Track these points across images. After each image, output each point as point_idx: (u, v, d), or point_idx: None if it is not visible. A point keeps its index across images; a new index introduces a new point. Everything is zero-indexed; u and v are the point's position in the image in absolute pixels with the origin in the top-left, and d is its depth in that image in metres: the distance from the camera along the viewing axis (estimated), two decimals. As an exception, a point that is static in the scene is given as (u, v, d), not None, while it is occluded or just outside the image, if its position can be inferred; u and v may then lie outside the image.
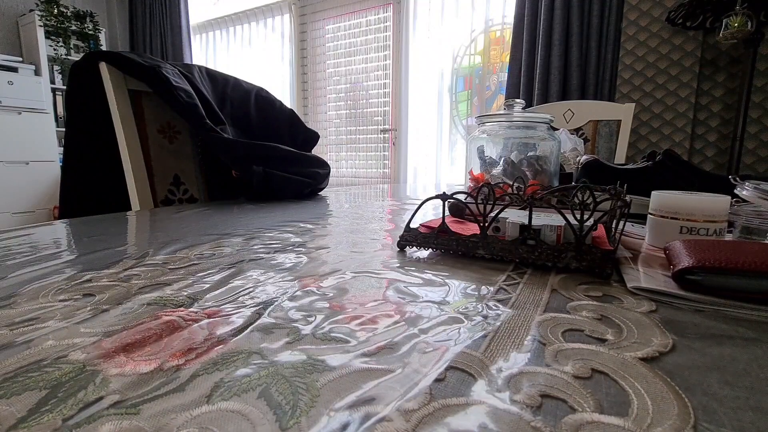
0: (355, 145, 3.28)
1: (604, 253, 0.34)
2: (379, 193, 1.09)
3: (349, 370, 0.20)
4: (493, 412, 0.17)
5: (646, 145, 1.94)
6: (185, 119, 0.88)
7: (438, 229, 0.42)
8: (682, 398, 0.18)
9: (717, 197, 0.40)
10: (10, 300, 0.30)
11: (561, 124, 1.51)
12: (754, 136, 1.77)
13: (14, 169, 3.17)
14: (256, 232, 0.54)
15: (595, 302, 0.29)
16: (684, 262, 0.30)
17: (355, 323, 0.25)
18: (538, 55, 2.12)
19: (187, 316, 0.26)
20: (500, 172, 0.75)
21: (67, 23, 3.41)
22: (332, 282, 0.33)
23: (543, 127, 0.74)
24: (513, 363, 0.20)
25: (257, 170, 0.88)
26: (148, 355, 0.21)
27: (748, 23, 1.49)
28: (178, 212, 0.73)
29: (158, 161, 0.93)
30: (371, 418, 0.16)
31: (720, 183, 0.60)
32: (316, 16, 3.27)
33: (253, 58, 3.59)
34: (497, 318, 0.26)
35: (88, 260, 0.40)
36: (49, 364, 0.20)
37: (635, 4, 1.88)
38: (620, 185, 0.49)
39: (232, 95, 1.02)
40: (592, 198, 0.45)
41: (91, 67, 0.84)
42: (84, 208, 0.88)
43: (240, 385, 0.19)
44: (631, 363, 0.20)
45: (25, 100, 3.17)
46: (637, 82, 1.92)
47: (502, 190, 0.56)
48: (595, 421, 0.16)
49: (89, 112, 0.87)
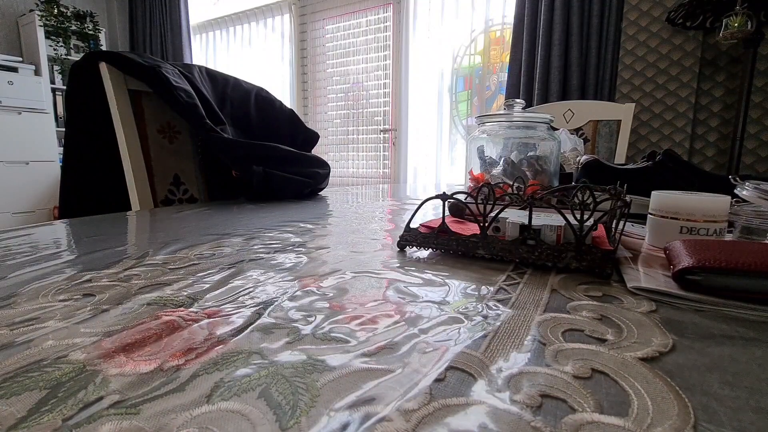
0: (355, 145, 3.28)
1: (604, 253, 0.34)
2: (379, 193, 1.09)
3: (349, 370, 0.20)
4: (493, 412, 0.17)
5: (646, 145, 1.94)
6: (185, 119, 0.88)
7: (438, 229, 0.42)
8: (682, 398, 0.18)
9: (717, 197, 0.40)
10: (10, 300, 0.29)
11: (561, 124, 1.51)
12: (754, 136, 1.77)
13: (14, 169, 3.17)
14: (256, 232, 0.54)
15: (595, 302, 0.29)
16: (684, 262, 0.30)
17: (355, 323, 0.25)
18: (538, 55, 2.12)
19: (187, 316, 0.26)
20: (500, 172, 0.75)
21: (67, 23, 3.41)
22: (332, 282, 0.33)
23: (543, 127, 0.74)
24: (513, 363, 0.20)
25: (257, 170, 0.88)
26: (148, 355, 0.21)
27: (748, 23, 1.49)
28: (178, 212, 0.73)
29: (158, 161, 0.93)
30: (371, 418, 0.16)
31: (720, 183, 0.60)
32: (316, 16, 3.27)
33: (253, 58, 3.59)
34: (497, 318, 0.26)
35: (88, 260, 0.40)
36: (49, 364, 0.20)
37: (635, 4, 1.88)
38: (620, 185, 0.49)
39: (232, 95, 1.02)
40: (592, 198, 0.45)
41: (91, 67, 0.84)
42: (84, 208, 0.88)
43: (240, 385, 0.19)
44: (631, 363, 0.20)
45: (25, 100, 3.17)
46: (637, 82, 1.92)
47: (502, 190, 0.56)
48: (595, 421, 0.16)
49: (89, 112, 0.87)
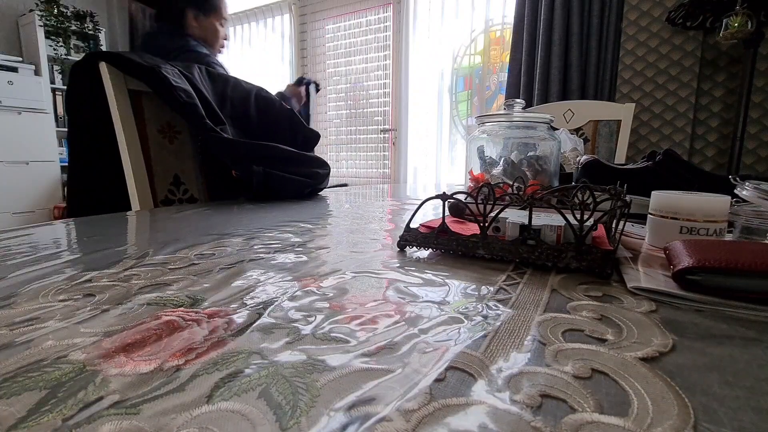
0: (355, 145, 3.28)
1: (604, 253, 0.34)
2: (379, 193, 1.09)
3: (349, 370, 0.20)
4: (493, 412, 0.17)
5: (646, 145, 1.94)
6: (185, 119, 0.88)
7: (438, 229, 0.42)
8: (682, 398, 0.18)
9: (717, 197, 0.40)
10: (10, 300, 0.29)
11: (561, 124, 1.51)
12: (754, 136, 1.77)
13: (14, 169, 3.17)
14: (256, 232, 0.54)
15: (595, 302, 0.29)
16: (684, 262, 0.30)
17: (355, 323, 0.25)
18: (538, 55, 2.12)
19: (187, 316, 0.26)
20: (500, 172, 0.75)
21: (67, 23, 3.41)
22: (332, 282, 0.33)
23: (543, 127, 0.74)
24: (513, 363, 0.20)
25: (257, 170, 0.88)
26: (148, 355, 0.21)
27: (748, 23, 1.49)
28: (178, 212, 0.73)
29: (158, 161, 0.93)
30: (371, 418, 0.16)
31: (720, 183, 0.60)
32: (316, 16, 3.27)
33: (253, 58, 3.59)
34: (497, 318, 0.26)
35: (88, 260, 0.40)
36: (49, 364, 0.20)
37: (635, 4, 1.88)
38: (620, 185, 0.49)
39: (232, 95, 1.02)
40: (592, 198, 0.45)
41: (91, 67, 0.84)
42: (91, 208, 0.88)
43: (240, 385, 0.19)
44: (631, 363, 0.20)
45: (25, 100, 3.17)
46: (637, 82, 1.92)
47: (502, 190, 0.56)
48: (595, 421, 0.16)
49: (90, 112, 0.87)
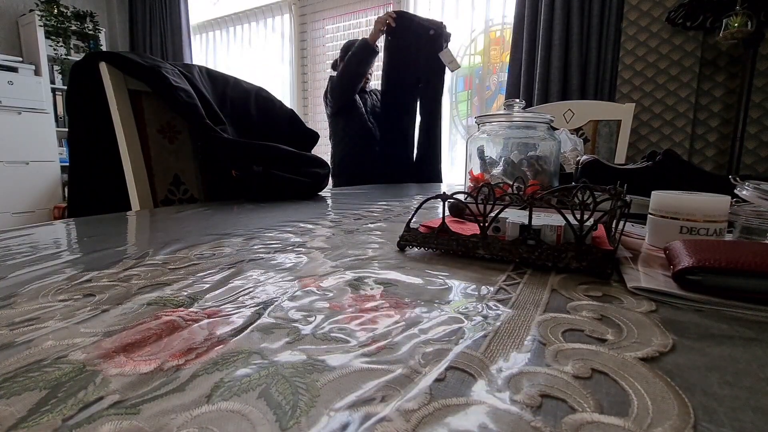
0: (355, 145, 3.27)
1: (604, 253, 0.34)
2: (379, 193, 1.09)
3: (349, 370, 0.20)
4: (493, 412, 0.17)
5: (646, 145, 1.94)
6: (185, 119, 0.88)
7: (438, 229, 0.42)
8: (682, 398, 0.18)
9: (717, 197, 0.40)
10: (10, 300, 0.29)
11: (561, 124, 1.51)
12: (754, 136, 1.77)
13: (14, 169, 3.17)
14: (256, 232, 0.54)
15: (595, 302, 0.29)
16: (684, 262, 0.30)
17: (355, 323, 0.25)
18: (538, 55, 2.12)
19: (187, 316, 0.26)
20: (500, 172, 0.75)
21: (67, 23, 3.41)
22: (332, 282, 0.33)
23: (543, 127, 0.74)
24: (513, 363, 0.20)
25: (257, 170, 0.88)
26: (148, 355, 0.21)
27: (748, 23, 1.49)
28: (178, 212, 0.73)
29: (158, 161, 0.93)
30: (371, 418, 0.16)
31: (720, 183, 0.60)
32: (316, 16, 3.26)
33: (253, 58, 3.59)
34: (497, 318, 0.26)
35: (88, 260, 0.40)
36: (49, 364, 0.20)
37: (635, 4, 1.88)
38: (620, 185, 0.49)
39: (232, 95, 1.02)
40: (592, 198, 0.45)
41: (91, 67, 0.84)
42: (92, 207, 0.88)
43: (240, 385, 0.19)
44: (631, 363, 0.20)
45: (25, 100, 3.17)
46: (637, 82, 1.92)
47: (502, 190, 0.56)
48: (595, 421, 0.16)
49: (90, 112, 0.87)
